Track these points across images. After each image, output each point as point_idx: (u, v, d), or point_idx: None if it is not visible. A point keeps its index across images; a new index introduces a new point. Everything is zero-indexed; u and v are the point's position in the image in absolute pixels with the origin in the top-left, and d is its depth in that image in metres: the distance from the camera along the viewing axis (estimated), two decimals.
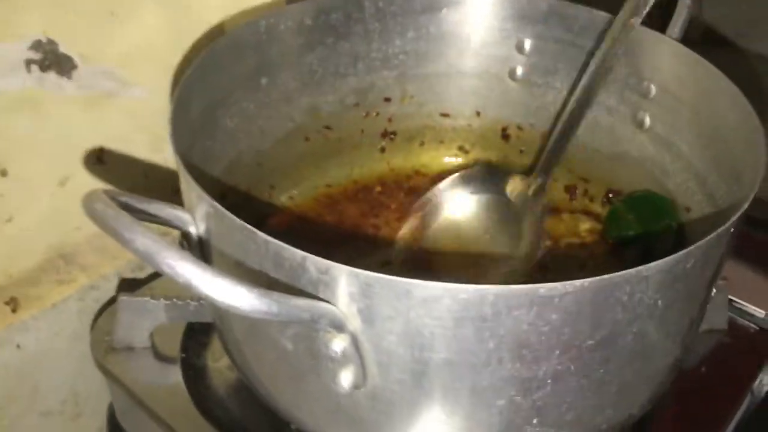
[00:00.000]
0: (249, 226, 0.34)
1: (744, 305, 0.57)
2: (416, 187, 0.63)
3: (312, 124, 0.60)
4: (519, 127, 0.62)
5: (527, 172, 0.57)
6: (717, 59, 0.48)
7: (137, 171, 0.68)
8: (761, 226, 0.62)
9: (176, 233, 0.43)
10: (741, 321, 0.56)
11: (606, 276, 0.32)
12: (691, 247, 0.34)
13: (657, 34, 0.51)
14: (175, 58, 0.66)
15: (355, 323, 0.34)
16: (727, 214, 0.37)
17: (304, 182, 0.62)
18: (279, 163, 0.59)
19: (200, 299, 0.45)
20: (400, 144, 0.65)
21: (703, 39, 0.61)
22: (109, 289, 0.66)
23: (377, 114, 0.62)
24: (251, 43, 0.53)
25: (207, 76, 0.49)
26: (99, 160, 0.65)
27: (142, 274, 0.67)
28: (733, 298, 0.57)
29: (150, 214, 0.37)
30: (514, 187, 0.52)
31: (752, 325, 0.56)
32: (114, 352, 0.53)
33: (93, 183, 0.65)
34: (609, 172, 0.59)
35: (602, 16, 0.54)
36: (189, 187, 0.38)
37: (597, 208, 0.60)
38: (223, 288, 0.29)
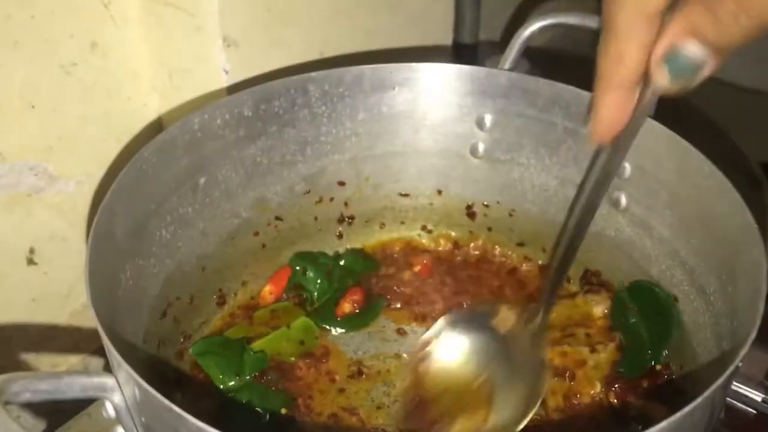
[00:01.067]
0: (177, 409, 0.29)
1: (741, 389, 0.53)
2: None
3: (260, 218, 0.55)
4: (485, 205, 0.58)
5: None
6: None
7: (75, 266, 0.62)
8: None
9: None
10: (738, 406, 0.52)
11: None
12: (697, 401, 0.29)
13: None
14: (107, 146, 0.61)
15: None
16: (729, 352, 0.33)
17: (256, 280, 0.56)
18: (226, 263, 0.54)
19: None
20: (359, 228, 0.60)
21: None
22: None
23: (332, 199, 0.57)
24: (184, 143, 0.48)
25: (133, 190, 0.43)
26: (30, 261, 0.60)
27: None
28: None
29: (64, 392, 0.31)
30: (502, 319, 0.47)
31: (750, 410, 0.52)
32: None
33: (24, 288, 0.59)
34: (585, 252, 0.54)
35: (567, 89, 0.50)
36: (110, 352, 0.32)
37: (574, 288, 0.56)
38: None
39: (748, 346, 0.32)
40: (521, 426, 0.42)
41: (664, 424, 0.28)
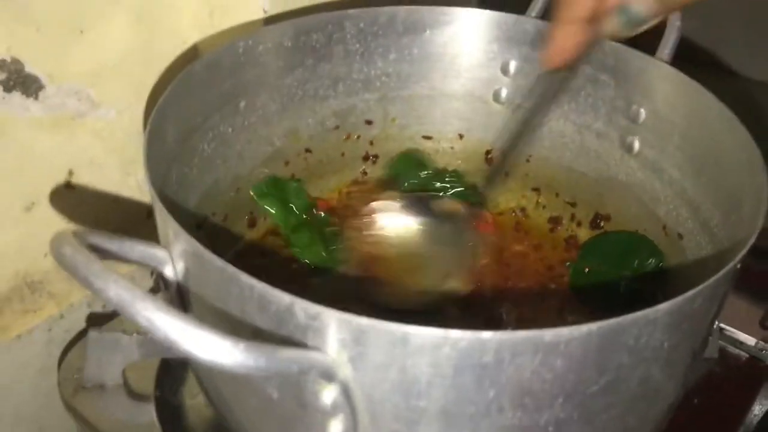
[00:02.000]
0: (232, 268, 0.32)
1: (735, 333, 0.56)
2: None
3: (292, 148, 0.58)
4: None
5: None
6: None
7: (108, 195, 0.65)
8: (752, 253, 0.61)
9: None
10: (732, 349, 0.55)
11: (614, 320, 0.30)
12: (699, 287, 0.32)
13: (646, 57, 0.50)
14: (147, 78, 0.64)
15: (346, 372, 0.31)
16: (727, 246, 0.36)
17: None
18: None
19: None
20: (382, 167, 0.63)
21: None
22: (79, 318, 0.63)
23: (358, 137, 0.60)
24: (228, 66, 0.51)
25: (182, 100, 0.46)
26: (68, 185, 0.63)
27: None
28: (724, 326, 0.56)
29: (124, 254, 0.34)
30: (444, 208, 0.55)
31: (743, 354, 0.55)
32: (84, 391, 0.50)
33: (61, 208, 0.62)
34: (597, 197, 0.57)
35: None
36: (166, 223, 0.35)
37: (584, 233, 0.59)
38: (205, 342, 0.26)
39: (750, 243, 0.35)
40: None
41: (667, 304, 0.31)
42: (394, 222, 0.55)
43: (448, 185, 0.61)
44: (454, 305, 0.51)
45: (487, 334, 0.30)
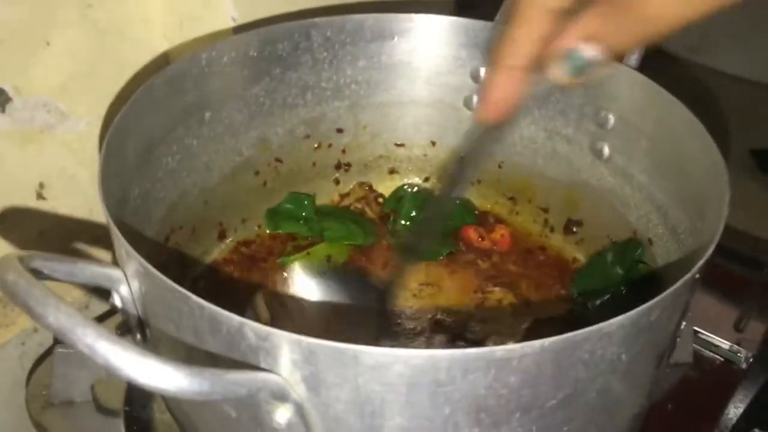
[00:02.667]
0: (182, 290, 0.31)
1: (709, 337, 0.55)
2: None
3: (261, 157, 0.58)
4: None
5: None
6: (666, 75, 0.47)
7: (81, 205, 0.65)
8: (726, 255, 0.61)
9: None
10: (706, 353, 0.55)
11: (566, 335, 0.30)
12: (654, 300, 0.32)
13: (615, 63, 0.50)
14: (117, 88, 0.63)
15: (299, 391, 0.31)
16: (691, 254, 0.36)
17: (254, 218, 0.59)
18: (227, 199, 0.57)
19: None
20: (355, 175, 0.62)
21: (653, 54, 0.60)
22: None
23: (330, 145, 0.60)
24: (192, 78, 0.50)
25: (143, 115, 0.46)
26: (39, 196, 0.62)
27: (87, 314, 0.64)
28: (698, 330, 0.55)
29: (75, 276, 0.34)
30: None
31: (717, 357, 0.55)
32: (52, 407, 0.49)
33: (32, 221, 0.62)
34: (569, 202, 0.57)
35: None
36: (119, 243, 0.35)
37: (558, 238, 0.59)
38: (147, 369, 0.26)
39: (706, 257, 0.35)
40: None
41: (621, 318, 0.31)
42: None
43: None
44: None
45: (437, 352, 0.29)
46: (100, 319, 0.57)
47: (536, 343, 0.30)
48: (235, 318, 0.30)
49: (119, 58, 0.63)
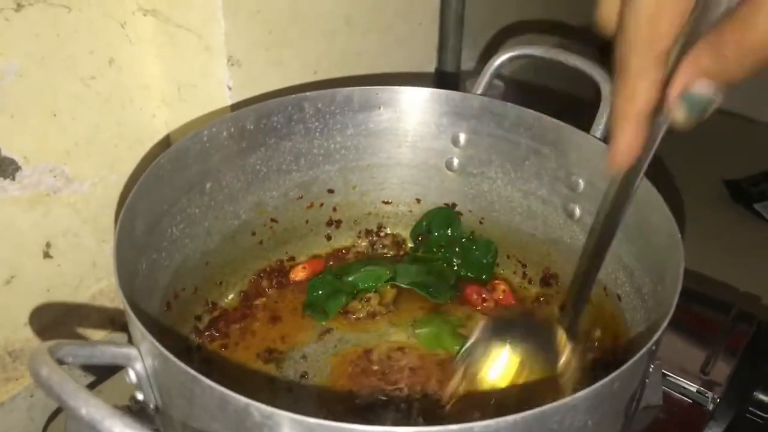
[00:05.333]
0: (193, 372, 0.35)
1: (677, 379, 0.59)
2: None
3: (258, 219, 0.62)
4: (458, 213, 0.65)
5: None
6: None
7: (85, 261, 0.69)
8: (693, 298, 0.65)
9: None
10: (675, 395, 0.59)
11: (538, 409, 0.34)
12: (615, 373, 0.36)
13: (582, 133, 0.55)
14: (119, 151, 0.67)
15: None
16: (654, 316, 0.39)
17: (251, 273, 0.63)
18: (226, 259, 0.61)
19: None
20: (346, 231, 0.67)
21: None
22: None
23: (322, 204, 0.64)
24: (194, 153, 0.54)
25: (151, 192, 0.50)
26: (46, 255, 0.66)
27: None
28: (667, 372, 0.59)
29: (97, 359, 0.37)
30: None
31: (686, 399, 0.59)
32: None
33: (39, 279, 0.65)
34: (545, 257, 0.61)
35: (531, 113, 0.57)
36: (134, 326, 0.38)
37: (534, 289, 0.63)
38: None
39: (662, 330, 0.39)
40: None
41: (585, 391, 0.35)
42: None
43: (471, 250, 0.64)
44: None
45: (424, 429, 0.33)
46: None
47: (510, 418, 0.34)
48: (242, 399, 0.34)
49: (120, 124, 0.67)
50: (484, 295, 0.62)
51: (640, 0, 0.34)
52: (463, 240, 0.64)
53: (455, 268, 0.64)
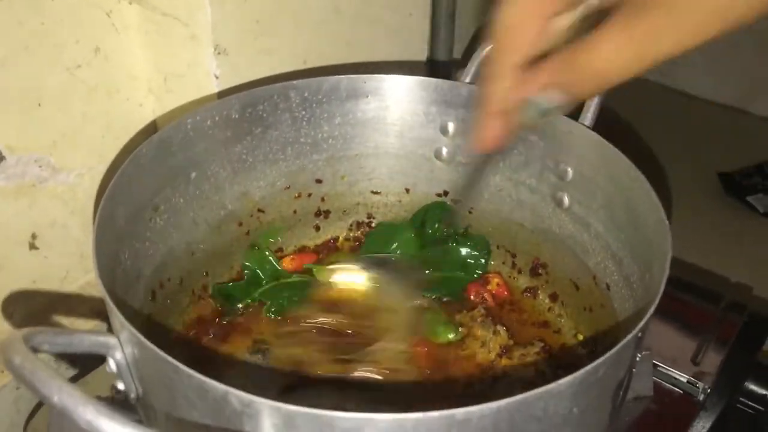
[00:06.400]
0: (171, 360, 0.35)
1: (668, 370, 0.59)
2: None
3: (245, 209, 0.61)
4: (452, 207, 0.64)
5: None
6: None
7: (73, 253, 0.68)
8: (684, 288, 0.65)
9: None
10: (666, 386, 0.59)
11: (521, 396, 0.34)
12: (599, 360, 0.36)
13: (570, 121, 0.54)
14: (106, 142, 0.67)
15: None
16: (641, 304, 0.39)
17: (238, 264, 0.62)
18: (213, 249, 0.60)
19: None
20: (334, 221, 0.66)
21: None
22: None
23: (310, 195, 0.64)
24: (178, 142, 0.53)
25: (132, 182, 0.49)
26: (32, 246, 0.65)
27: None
28: (657, 363, 0.59)
29: (74, 347, 0.37)
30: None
31: (676, 390, 0.59)
32: None
33: (25, 270, 0.65)
34: (534, 246, 0.61)
35: None
36: (113, 315, 0.38)
37: (525, 280, 0.62)
38: None
39: (648, 317, 0.38)
40: None
41: (569, 378, 0.34)
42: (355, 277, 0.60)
43: (464, 243, 0.64)
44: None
45: (404, 416, 0.33)
46: None
47: (493, 405, 0.33)
48: (220, 387, 0.34)
49: (107, 114, 0.66)
50: (477, 292, 0.61)
51: (503, 12, 0.39)
52: (457, 237, 0.64)
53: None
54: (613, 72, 0.36)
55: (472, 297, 0.61)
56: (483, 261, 0.63)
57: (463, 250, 0.63)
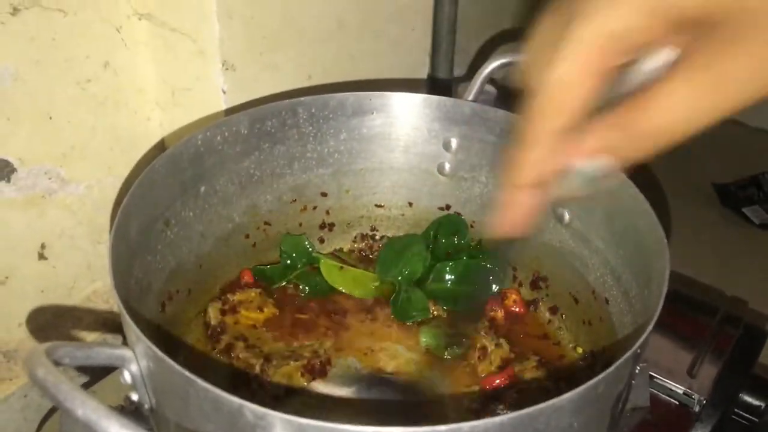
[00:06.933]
0: (187, 373, 0.36)
1: (664, 381, 0.60)
2: None
3: (252, 222, 0.62)
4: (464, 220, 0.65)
5: None
6: None
7: (81, 262, 0.69)
8: (681, 300, 0.66)
9: None
10: (662, 397, 0.60)
11: (524, 411, 0.35)
12: (600, 376, 0.37)
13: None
14: (114, 154, 0.68)
15: None
16: (640, 320, 0.40)
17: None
18: (220, 261, 0.61)
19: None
20: (338, 234, 0.67)
21: None
22: None
23: (315, 208, 0.65)
24: (188, 157, 0.55)
25: (145, 197, 0.50)
26: (41, 256, 0.66)
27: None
28: (654, 375, 0.60)
29: (92, 360, 0.38)
30: None
31: (673, 401, 0.60)
32: None
33: (34, 280, 0.66)
34: (535, 260, 0.62)
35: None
36: (129, 328, 0.39)
37: (525, 293, 0.64)
38: None
39: (647, 334, 0.40)
40: None
41: (571, 393, 0.36)
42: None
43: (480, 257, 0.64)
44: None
45: (414, 429, 0.34)
46: None
47: (497, 419, 0.34)
48: (235, 400, 0.35)
49: (115, 127, 0.67)
50: (493, 308, 0.62)
51: (555, 65, 0.31)
52: (470, 251, 0.64)
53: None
54: (679, 127, 0.30)
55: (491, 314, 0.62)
56: (502, 276, 0.63)
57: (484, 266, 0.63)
